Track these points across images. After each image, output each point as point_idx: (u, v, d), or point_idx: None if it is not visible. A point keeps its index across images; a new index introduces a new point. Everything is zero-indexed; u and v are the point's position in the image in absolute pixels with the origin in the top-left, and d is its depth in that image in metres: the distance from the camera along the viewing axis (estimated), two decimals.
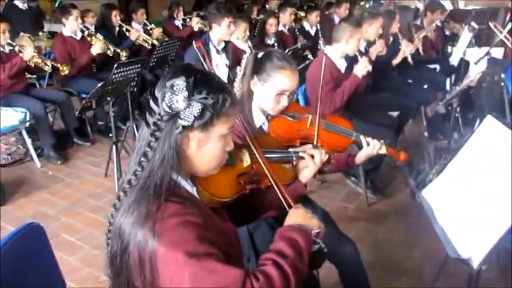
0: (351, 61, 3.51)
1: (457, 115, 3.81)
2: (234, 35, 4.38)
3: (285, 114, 1.97)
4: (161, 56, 5.08)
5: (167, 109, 1.11)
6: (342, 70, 3.47)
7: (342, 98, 3.31)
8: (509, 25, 4.21)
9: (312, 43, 5.57)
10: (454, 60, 5.12)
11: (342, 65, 3.48)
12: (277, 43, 5.41)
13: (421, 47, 5.06)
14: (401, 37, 4.55)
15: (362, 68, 3.34)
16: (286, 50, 4.60)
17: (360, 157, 2.05)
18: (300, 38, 5.85)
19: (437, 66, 5.34)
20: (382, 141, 2.05)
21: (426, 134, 4.60)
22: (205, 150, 1.19)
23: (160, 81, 1.17)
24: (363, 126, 3.06)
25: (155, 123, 1.13)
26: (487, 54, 3.86)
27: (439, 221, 1.71)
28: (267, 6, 8.16)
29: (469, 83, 3.53)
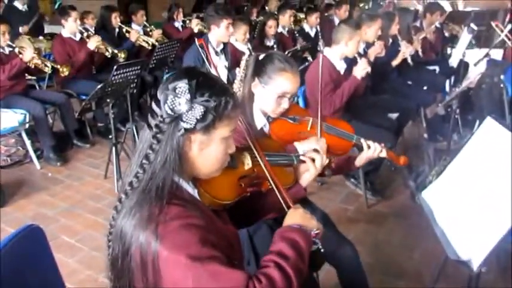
0: (350, 63, 3.52)
1: (457, 116, 3.81)
2: (234, 37, 4.38)
3: (286, 116, 1.97)
4: (161, 58, 5.08)
5: (169, 111, 1.11)
6: (341, 72, 3.47)
7: (342, 99, 3.31)
8: (508, 26, 4.21)
9: (312, 45, 5.57)
10: (454, 61, 5.13)
11: (341, 67, 3.48)
12: (276, 45, 5.41)
13: (420, 49, 5.07)
14: (400, 39, 4.56)
15: (361, 70, 3.34)
16: (285, 52, 4.61)
17: (360, 160, 2.05)
18: (300, 40, 5.85)
19: (436, 67, 5.35)
20: (382, 144, 2.05)
21: (426, 136, 4.60)
22: (207, 152, 1.19)
23: (162, 83, 1.17)
24: (363, 127, 3.06)
25: (157, 125, 1.13)
26: (487, 55, 3.86)
27: (439, 223, 1.71)
28: (267, 8, 8.17)
29: (469, 85, 3.54)
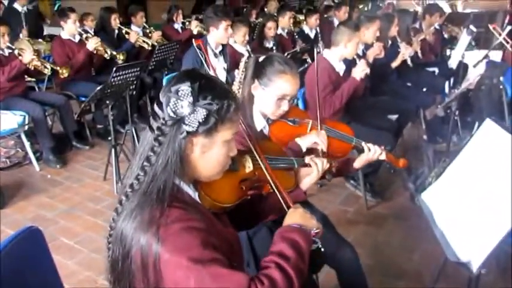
0: (349, 64, 3.52)
1: (456, 118, 3.82)
2: (233, 39, 4.38)
3: (286, 118, 1.97)
4: (160, 59, 5.08)
5: (172, 114, 1.11)
6: (341, 73, 3.47)
7: (341, 101, 3.31)
8: (508, 28, 4.21)
9: (312, 46, 5.57)
10: (453, 63, 5.12)
11: (341, 68, 3.48)
12: (275, 47, 5.40)
13: (420, 50, 5.07)
14: (400, 40, 4.56)
15: (360, 71, 3.34)
16: (285, 54, 4.61)
17: (360, 162, 2.04)
18: (299, 42, 5.85)
19: (436, 69, 5.34)
20: (382, 147, 2.05)
21: (425, 137, 4.59)
22: (209, 155, 1.19)
23: (165, 85, 1.17)
24: (362, 129, 3.06)
25: (159, 128, 1.13)
26: (486, 57, 3.87)
27: (438, 225, 1.71)
28: (266, 9, 8.17)
29: (468, 86, 3.54)
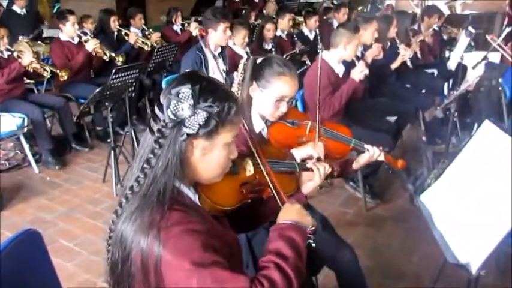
0: (348, 65, 3.52)
1: (455, 119, 3.82)
2: (232, 41, 4.37)
3: (284, 120, 1.97)
4: (159, 61, 5.09)
5: (172, 116, 1.11)
6: (340, 75, 3.47)
7: (340, 102, 3.31)
8: (506, 30, 4.22)
9: (311, 48, 5.58)
10: (452, 64, 5.13)
11: (340, 70, 3.48)
12: (274, 48, 5.40)
13: (419, 51, 5.08)
14: (399, 42, 4.56)
15: (359, 72, 3.34)
16: (284, 55, 4.61)
17: (358, 163, 2.04)
18: (298, 44, 5.85)
19: (435, 70, 5.34)
20: (380, 147, 2.05)
21: (424, 139, 4.59)
22: (209, 158, 1.18)
23: (165, 87, 1.16)
24: (361, 131, 3.06)
25: (159, 130, 1.13)
26: (485, 58, 3.87)
27: (438, 226, 1.71)
28: (264, 11, 8.16)
29: (467, 88, 3.55)
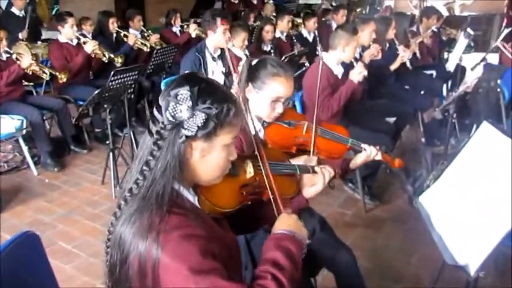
0: (347, 67, 3.52)
1: (454, 121, 3.82)
2: (231, 42, 4.37)
3: (281, 121, 1.97)
4: (158, 63, 5.08)
5: (170, 118, 1.10)
6: (339, 76, 3.47)
7: (339, 103, 3.31)
8: (505, 31, 4.23)
9: (310, 49, 5.58)
10: (451, 66, 5.14)
11: (339, 71, 3.48)
12: (273, 50, 5.41)
13: (418, 51, 5.08)
14: (397, 43, 4.57)
15: (357, 73, 3.33)
16: (283, 57, 4.61)
17: (355, 163, 2.05)
18: (297, 46, 5.85)
19: (433, 72, 5.35)
20: (378, 147, 2.05)
21: (423, 140, 4.60)
22: (208, 159, 1.18)
23: (164, 89, 1.16)
24: (360, 132, 3.06)
25: (158, 132, 1.12)
26: (483, 60, 3.88)
27: (436, 228, 1.71)
28: (262, 13, 8.17)
29: (466, 89, 3.55)
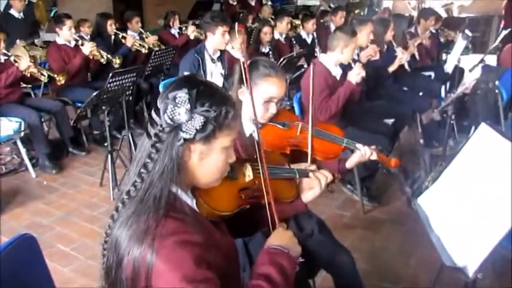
0: (345, 68, 3.52)
1: (452, 122, 3.82)
2: (231, 44, 4.36)
3: (275, 122, 1.97)
4: (156, 65, 5.09)
5: (169, 121, 1.10)
6: (338, 77, 3.47)
7: (337, 105, 3.31)
8: (503, 33, 4.24)
9: (309, 51, 5.58)
10: (449, 67, 5.15)
11: (337, 73, 3.48)
12: (272, 52, 5.40)
13: (417, 53, 5.09)
14: (395, 45, 4.57)
15: (355, 75, 3.33)
16: (281, 59, 4.61)
17: (351, 163, 2.05)
18: (296, 47, 5.85)
19: (432, 73, 5.36)
20: (373, 147, 2.05)
21: (421, 141, 4.60)
22: (207, 162, 1.18)
23: (162, 91, 1.16)
24: (358, 133, 3.06)
25: (156, 134, 1.12)
26: (481, 61, 3.88)
27: (434, 229, 1.70)
28: (260, 15, 8.18)
29: (464, 90, 3.55)
